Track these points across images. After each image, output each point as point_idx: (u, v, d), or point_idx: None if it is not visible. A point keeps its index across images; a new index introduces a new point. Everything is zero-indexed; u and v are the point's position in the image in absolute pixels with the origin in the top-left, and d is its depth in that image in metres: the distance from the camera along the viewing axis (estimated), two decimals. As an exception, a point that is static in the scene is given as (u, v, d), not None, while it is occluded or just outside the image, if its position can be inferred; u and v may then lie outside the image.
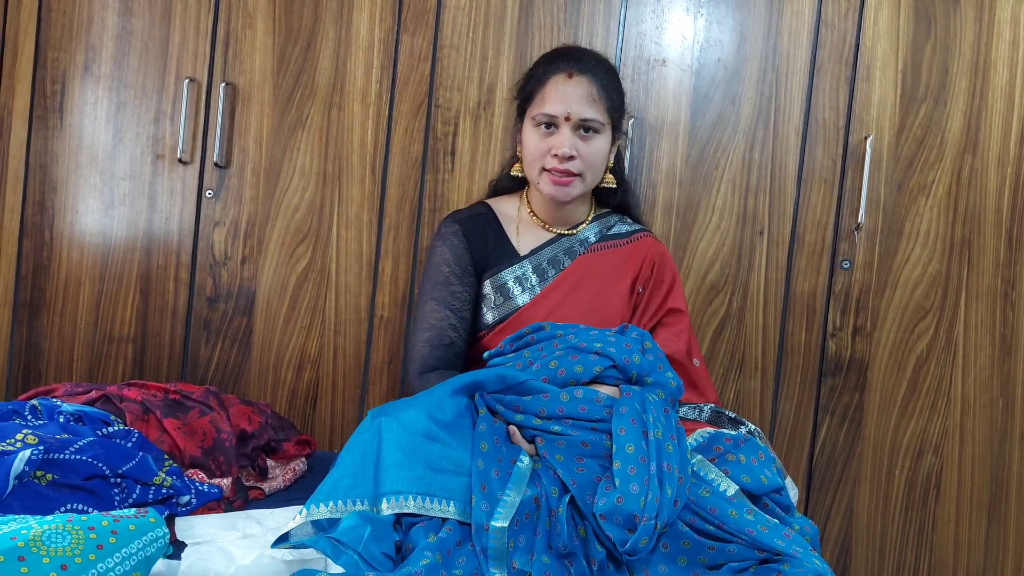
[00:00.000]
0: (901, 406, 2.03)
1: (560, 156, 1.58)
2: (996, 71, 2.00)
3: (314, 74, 2.07)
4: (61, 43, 2.11)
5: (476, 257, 1.68)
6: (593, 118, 1.59)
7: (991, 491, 2.03)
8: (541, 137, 1.61)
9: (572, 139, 1.58)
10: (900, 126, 2.01)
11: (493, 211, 1.73)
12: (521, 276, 1.67)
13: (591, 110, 1.58)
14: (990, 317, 2.02)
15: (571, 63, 1.61)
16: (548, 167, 1.60)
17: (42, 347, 2.13)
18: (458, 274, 1.66)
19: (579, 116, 1.58)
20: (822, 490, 2.04)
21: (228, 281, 2.10)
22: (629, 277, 1.69)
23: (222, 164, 2.08)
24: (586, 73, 1.60)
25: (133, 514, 1.15)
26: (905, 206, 2.02)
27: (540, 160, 1.61)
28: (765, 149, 2.03)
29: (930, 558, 2.04)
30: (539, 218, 1.71)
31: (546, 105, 1.59)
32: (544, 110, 1.59)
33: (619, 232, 1.74)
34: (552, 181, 1.60)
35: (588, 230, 1.72)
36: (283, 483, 1.71)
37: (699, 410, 1.59)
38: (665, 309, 1.70)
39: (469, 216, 1.72)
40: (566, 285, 1.67)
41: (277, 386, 2.10)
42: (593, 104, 1.59)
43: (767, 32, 2.03)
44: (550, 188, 1.61)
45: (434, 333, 1.64)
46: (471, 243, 1.68)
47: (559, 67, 1.61)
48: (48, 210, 2.12)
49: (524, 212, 1.72)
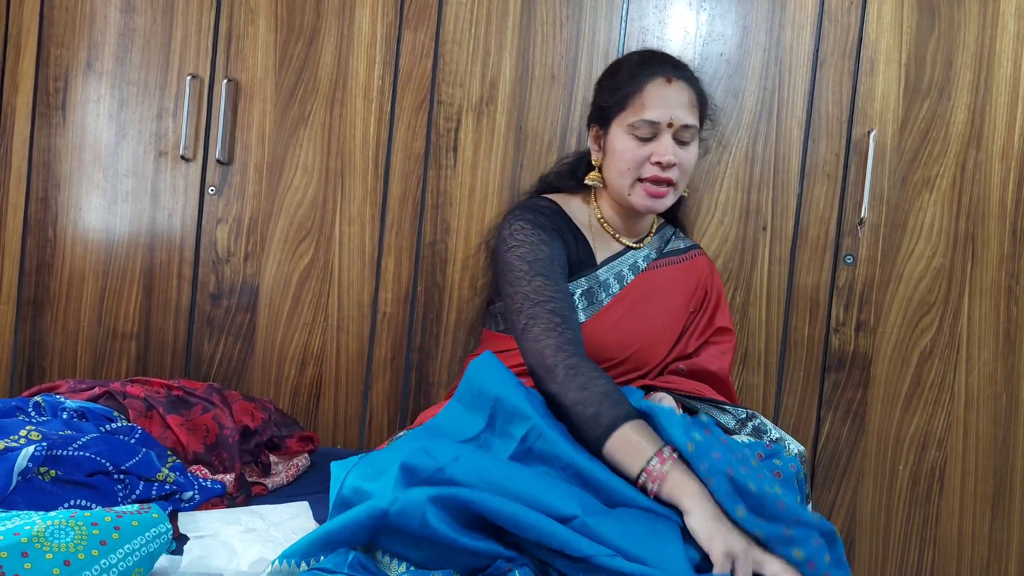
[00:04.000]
0: (905, 401, 2.03)
1: (664, 164, 1.49)
2: (1000, 64, 1.99)
3: (316, 70, 2.07)
4: (63, 40, 2.11)
5: (567, 247, 1.54)
6: (693, 124, 1.52)
7: (995, 485, 2.02)
8: (639, 145, 1.51)
9: (673, 146, 1.50)
10: (904, 120, 2.01)
11: (566, 215, 1.61)
12: (588, 289, 1.58)
13: (690, 116, 1.51)
14: (994, 311, 2.01)
15: (668, 67, 1.52)
16: (645, 176, 1.51)
17: (46, 344, 2.13)
18: (559, 251, 1.50)
19: (681, 122, 1.50)
20: (825, 485, 2.04)
21: (231, 277, 2.10)
22: (684, 297, 1.66)
23: (225, 161, 2.08)
24: (684, 78, 1.53)
25: (136, 510, 1.15)
26: (909, 200, 2.01)
27: (637, 169, 1.51)
28: (768, 143, 2.03)
29: (934, 552, 2.04)
30: (610, 227, 1.62)
31: (646, 111, 1.49)
32: (644, 116, 1.49)
33: (676, 248, 1.70)
34: (648, 192, 1.51)
35: (651, 245, 1.67)
36: (286, 479, 1.71)
37: (742, 422, 1.54)
38: (713, 328, 1.68)
39: (551, 209, 1.60)
40: (626, 303, 1.59)
41: (280, 382, 2.10)
42: (692, 110, 1.52)
43: (770, 26, 2.02)
44: (644, 200, 1.52)
45: (559, 304, 1.38)
46: (559, 232, 1.55)
47: (656, 71, 1.52)
48: (51, 207, 2.13)
49: (595, 219, 1.63)
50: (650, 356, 1.62)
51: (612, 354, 1.58)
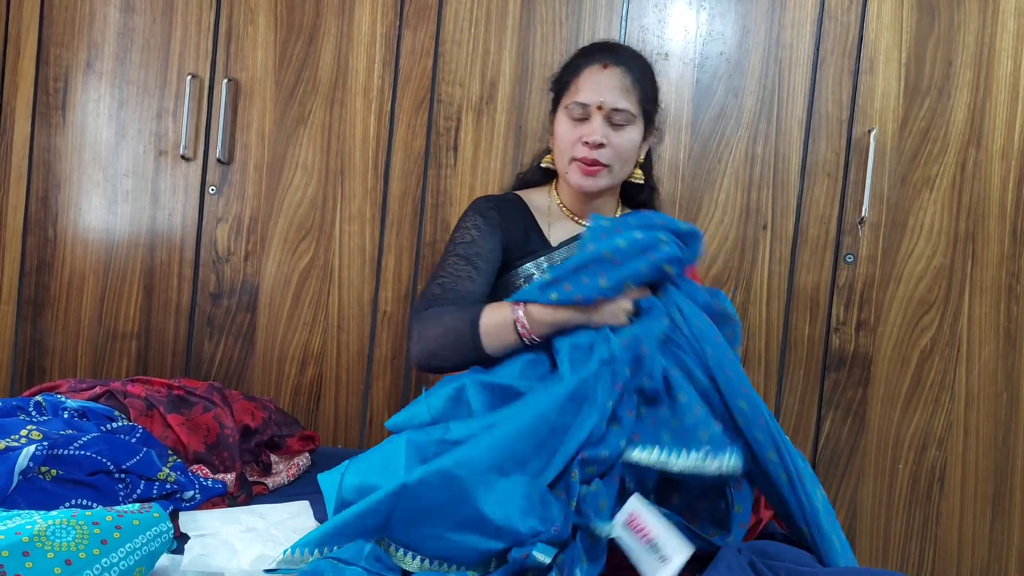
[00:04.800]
0: (905, 400, 2.03)
1: (591, 143, 1.57)
2: (1000, 63, 1.99)
3: (316, 70, 2.07)
4: (63, 40, 2.11)
5: (507, 237, 1.65)
6: (625, 108, 1.58)
7: (995, 485, 2.02)
8: (573, 126, 1.60)
9: (603, 128, 1.58)
10: (904, 119, 2.01)
11: (524, 201, 1.72)
12: (548, 268, 1.65)
13: (624, 100, 1.58)
14: (994, 311, 2.01)
15: (607, 55, 1.61)
16: (578, 156, 1.59)
17: (46, 343, 2.13)
18: (488, 239, 1.62)
19: (611, 105, 1.57)
20: (826, 484, 2.04)
21: (231, 277, 2.10)
22: None
23: (225, 160, 2.08)
24: (621, 64, 1.60)
25: (137, 509, 1.15)
26: (909, 199, 2.01)
27: (571, 149, 1.60)
28: (768, 143, 2.03)
29: (934, 552, 2.04)
30: (569, 211, 1.69)
31: (579, 94, 1.59)
32: (577, 99, 1.59)
33: None
34: (581, 171, 1.59)
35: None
36: (286, 478, 1.71)
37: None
38: None
39: (503, 199, 1.70)
40: None
41: (280, 382, 2.10)
42: (626, 94, 1.58)
43: (770, 25, 2.02)
44: (578, 178, 1.60)
45: (450, 279, 1.57)
46: (504, 222, 1.65)
47: (595, 58, 1.61)
48: (51, 207, 2.13)
49: (554, 204, 1.71)
50: None
51: None
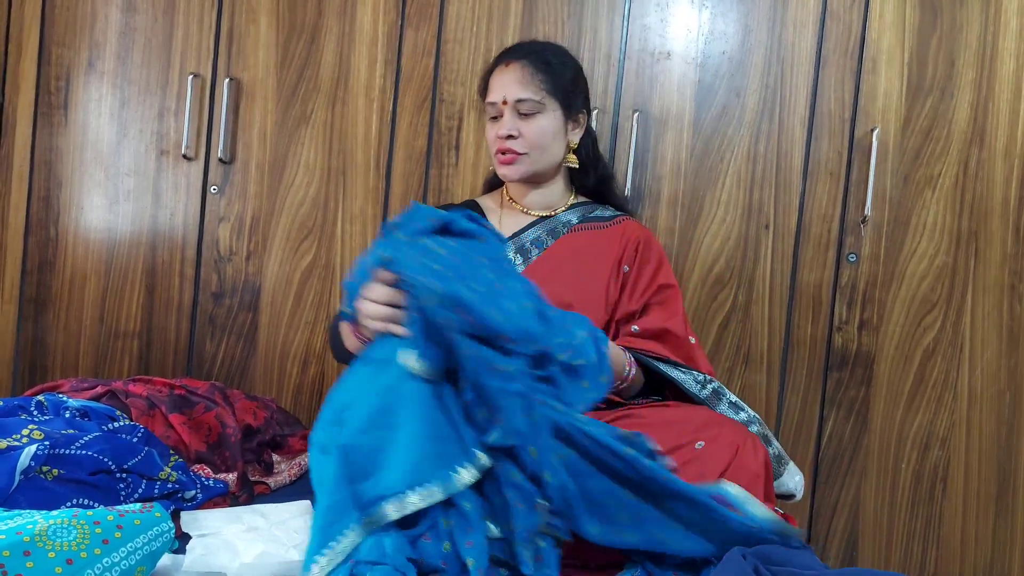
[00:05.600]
0: (908, 399, 2.02)
1: (500, 136, 1.66)
2: (1003, 62, 1.99)
3: (318, 69, 2.07)
4: (65, 40, 2.11)
5: None
6: (526, 97, 1.64)
7: (998, 484, 2.02)
8: (491, 125, 1.69)
9: (513, 121, 1.65)
10: (906, 118, 2.00)
11: (478, 205, 1.79)
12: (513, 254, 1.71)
13: (524, 91, 1.64)
14: (997, 309, 2.01)
15: (508, 55, 1.70)
16: (497, 150, 1.68)
17: (48, 343, 2.13)
18: None
19: (513, 97, 1.64)
20: (828, 484, 2.04)
21: (233, 277, 2.10)
22: (614, 256, 1.69)
23: (226, 160, 2.08)
24: (519, 59, 1.67)
25: (138, 509, 1.15)
26: (911, 198, 2.01)
27: (493, 145, 1.69)
28: (770, 142, 2.02)
29: (937, 551, 2.03)
30: (517, 203, 1.76)
31: (490, 95, 1.68)
32: (488, 99, 1.68)
33: (601, 216, 1.75)
34: (499, 161, 1.68)
35: (569, 213, 1.74)
36: (288, 478, 1.71)
37: (702, 384, 1.59)
38: (656, 285, 1.69)
39: (453, 208, 1.73)
40: (550, 264, 1.68)
41: (282, 381, 2.10)
42: (526, 85, 1.65)
43: (772, 24, 2.02)
44: (501, 168, 1.69)
45: None
46: None
47: (499, 61, 1.70)
48: (53, 206, 2.13)
49: (505, 200, 1.78)
50: (591, 315, 1.65)
51: None
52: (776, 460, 1.54)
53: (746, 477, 1.39)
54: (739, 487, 1.25)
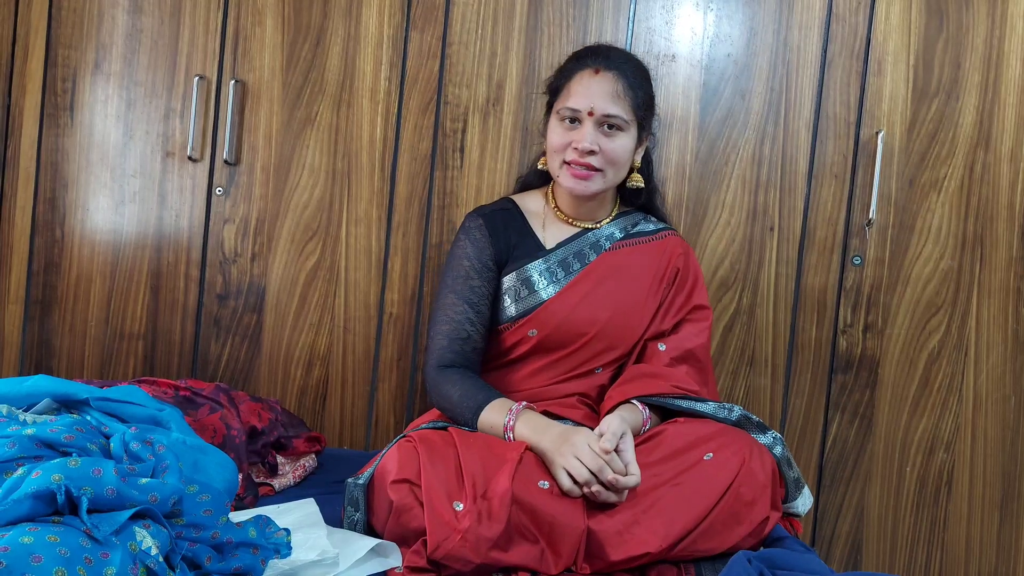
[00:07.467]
0: (912, 403, 2.02)
1: (580, 150, 1.59)
2: (1009, 65, 1.99)
3: (323, 71, 2.07)
4: (72, 41, 2.11)
5: (498, 252, 1.68)
6: (616, 115, 1.59)
7: (1003, 488, 2.01)
8: (564, 131, 1.62)
9: (594, 134, 1.59)
10: (912, 121, 2.00)
11: (518, 206, 1.74)
12: (547, 269, 1.67)
13: (615, 106, 1.59)
14: (1003, 313, 2.00)
15: (599, 60, 1.62)
16: (569, 160, 1.61)
17: (53, 344, 2.14)
18: (478, 268, 1.67)
19: (602, 112, 1.58)
20: (833, 487, 2.03)
21: (238, 278, 2.11)
22: (654, 274, 1.70)
23: (232, 161, 2.09)
24: (612, 70, 1.60)
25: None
26: (917, 201, 2.01)
27: (561, 153, 1.62)
28: (775, 144, 2.02)
29: (942, 556, 2.03)
30: (563, 213, 1.72)
31: (570, 99, 1.60)
32: (568, 104, 1.60)
33: (644, 230, 1.74)
34: (572, 174, 1.61)
35: (612, 226, 1.73)
36: (293, 480, 1.71)
37: (728, 410, 1.58)
38: (690, 306, 1.71)
39: (493, 211, 1.73)
40: (592, 279, 1.67)
41: (287, 383, 2.10)
42: (617, 101, 1.59)
43: (777, 26, 2.02)
44: (570, 181, 1.62)
45: (452, 327, 1.64)
46: (494, 237, 1.69)
47: (586, 63, 1.62)
48: (59, 208, 2.13)
49: (549, 207, 1.73)
50: (623, 333, 1.67)
51: (582, 328, 1.65)
52: (794, 484, 1.54)
53: (753, 487, 1.40)
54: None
